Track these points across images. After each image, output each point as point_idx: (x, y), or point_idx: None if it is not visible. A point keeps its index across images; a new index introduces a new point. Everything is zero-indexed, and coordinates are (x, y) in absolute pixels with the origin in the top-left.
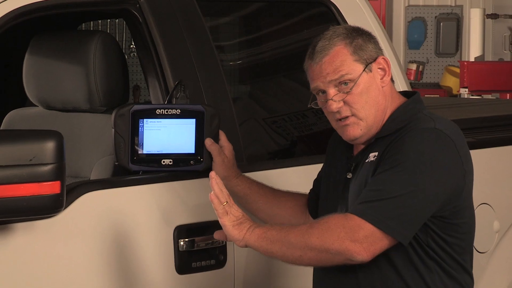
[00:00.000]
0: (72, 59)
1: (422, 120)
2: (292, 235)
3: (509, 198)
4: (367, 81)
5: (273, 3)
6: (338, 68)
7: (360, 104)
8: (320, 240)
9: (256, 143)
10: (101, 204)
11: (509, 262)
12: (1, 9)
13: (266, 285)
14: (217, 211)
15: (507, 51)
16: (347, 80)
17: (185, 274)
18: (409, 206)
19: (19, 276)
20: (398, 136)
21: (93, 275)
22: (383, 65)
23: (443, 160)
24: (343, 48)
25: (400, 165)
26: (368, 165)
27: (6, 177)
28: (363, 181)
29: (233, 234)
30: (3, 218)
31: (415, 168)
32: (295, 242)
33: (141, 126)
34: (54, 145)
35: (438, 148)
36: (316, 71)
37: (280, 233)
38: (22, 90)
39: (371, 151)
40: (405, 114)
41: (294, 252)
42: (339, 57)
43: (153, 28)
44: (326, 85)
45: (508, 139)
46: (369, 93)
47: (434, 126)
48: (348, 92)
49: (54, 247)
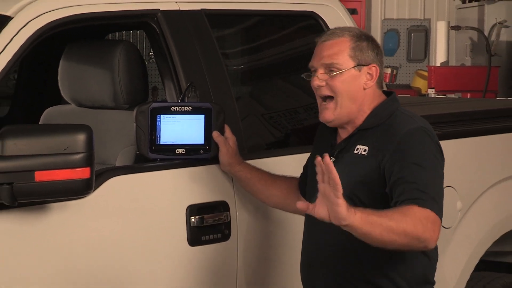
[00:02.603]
0: (100, 64)
1: (403, 119)
2: (392, 222)
3: (470, 182)
4: (352, 76)
5: (270, 16)
6: (333, 56)
7: (338, 89)
8: (414, 229)
9: (255, 135)
10: (124, 187)
11: (470, 237)
12: (40, 21)
13: (264, 255)
14: (337, 190)
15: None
16: (335, 69)
17: (195, 246)
18: (441, 186)
19: (54, 248)
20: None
21: (117, 247)
22: (373, 72)
23: (438, 154)
24: (347, 42)
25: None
26: (359, 158)
27: (44, 164)
28: (350, 167)
29: (343, 212)
30: (41, 198)
31: (433, 163)
32: (395, 228)
33: (158, 121)
34: (84, 137)
35: (435, 144)
36: (317, 50)
37: (381, 218)
38: (58, 90)
39: (356, 143)
40: (385, 111)
41: (391, 236)
42: (339, 47)
43: (169, 38)
44: (318, 64)
45: (469, 132)
46: (350, 86)
47: (420, 125)
48: (331, 76)
49: (84, 224)
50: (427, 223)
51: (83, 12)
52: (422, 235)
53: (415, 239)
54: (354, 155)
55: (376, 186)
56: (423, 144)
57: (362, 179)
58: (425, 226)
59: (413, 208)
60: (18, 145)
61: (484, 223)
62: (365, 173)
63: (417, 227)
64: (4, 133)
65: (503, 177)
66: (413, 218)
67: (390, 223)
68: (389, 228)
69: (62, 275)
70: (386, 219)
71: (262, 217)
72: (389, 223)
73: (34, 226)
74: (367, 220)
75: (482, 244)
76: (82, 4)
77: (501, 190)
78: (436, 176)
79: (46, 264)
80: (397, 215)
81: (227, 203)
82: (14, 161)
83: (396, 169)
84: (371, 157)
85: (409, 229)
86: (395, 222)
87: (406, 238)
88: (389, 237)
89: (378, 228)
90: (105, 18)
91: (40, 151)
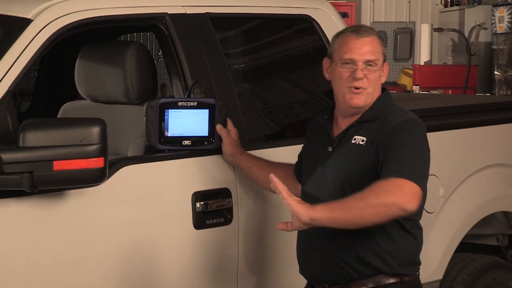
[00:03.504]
0: (113, 63)
1: (397, 112)
2: (351, 200)
3: (451, 171)
4: (380, 71)
5: (268, 19)
6: (374, 52)
7: (373, 83)
8: (377, 198)
9: (255, 128)
10: (136, 176)
11: (451, 221)
12: (58, 23)
13: (263, 237)
14: (282, 194)
15: (449, 56)
16: (374, 64)
17: (200, 229)
18: (424, 165)
19: (71, 231)
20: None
21: (129, 230)
22: (386, 68)
23: (426, 142)
24: (377, 40)
25: (409, 143)
26: (357, 147)
27: (62, 154)
28: (348, 156)
29: (298, 209)
30: (59, 186)
31: (420, 147)
32: (355, 204)
33: (166, 115)
34: (99, 129)
35: (424, 135)
36: (357, 44)
37: (340, 202)
38: (74, 87)
39: (355, 134)
40: (381, 105)
41: (355, 212)
42: (375, 45)
43: (176, 39)
44: (360, 58)
45: (450, 125)
46: (378, 80)
47: (412, 117)
48: (372, 72)
49: (99, 209)
50: (393, 188)
51: (97, 15)
52: (387, 200)
53: (382, 206)
54: (351, 145)
55: (370, 174)
56: (414, 131)
57: (359, 168)
58: (390, 192)
59: (380, 181)
60: (38, 137)
61: (464, 208)
62: (362, 161)
63: (380, 196)
64: (25, 126)
65: (482, 166)
66: (375, 190)
67: (349, 203)
68: (349, 207)
69: (79, 255)
70: (345, 201)
71: (261, 202)
72: (348, 203)
73: (52, 211)
74: (326, 207)
75: (462, 228)
76: (97, 8)
77: (480, 178)
78: (421, 156)
79: (64, 245)
80: (358, 194)
81: (229, 190)
82: (34, 151)
83: (387, 151)
84: (368, 147)
85: (371, 200)
86: (354, 200)
87: (371, 208)
88: (353, 213)
89: (338, 211)
90: (118, 21)
91: (58, 143)
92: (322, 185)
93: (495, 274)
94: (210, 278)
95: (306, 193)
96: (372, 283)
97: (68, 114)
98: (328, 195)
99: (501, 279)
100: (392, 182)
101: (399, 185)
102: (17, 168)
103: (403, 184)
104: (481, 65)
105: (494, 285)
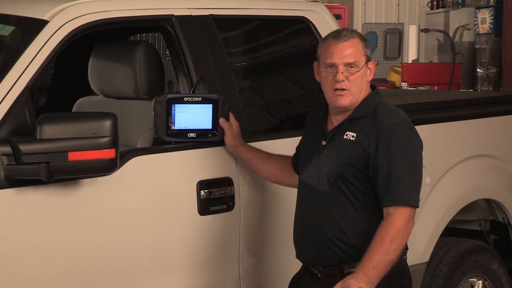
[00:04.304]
0: (123, 61)
1: (387, 113)
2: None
3: (437, 161)
4: (363, 71)
5: (268, 20)
6: (354, 55)
7: (355, 84)
8: (403, 240)
9: (255, 122)
10: (145, 166)
11: (437, 208)
12: (72, 24)
13: (262, 223)
14: None
15: (435, 55)
16: (355, 65)
17: (204, 215)
18: (419, 180)
19: (85, 216)
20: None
21: (139, 216)
22: (372, 67)
23: (416, 141)
24: (359, 42)
25: (403, 154)
26: (348, 142)
27: (76, 146)
28: (340, 150)
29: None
30: (74, 175)
31: (413, 153)
32: (393, 258)
33: (173, 109)
34: (110, 123)
35: (415, 134)
36: (337, 48)
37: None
38: (88, 83)
39: (346, 130)
40: (370, 103)
41: (392, 264)
42: (356, 47)
43: (182, 39)
44: (340, 62)
45: (436, 119)
46: (361, 79)
47: (401, 119)
48: (352, 73)
49: (111, 196)
50: (407, 223)
51: (109, 17)
52: (407, 238)
53: (404, 243)
54: (343, 140)
55: (360, 167)
56: (404, 136)
57: (349, 161)
58: (407, 230)
59: (394, 222)
60: (54, 130)
61: (449, 196)
62: (353, 156)
63: (404, 237)
64: (42, 119)
65: (465, 157)
66: (398, 235)
67: (388, 259)
68: (390, 262)
69: (92, 239)
70: (386, 259)
71: (261, 190)
72: (388, 259)
73: (68, 198)
74: (378, 277)
75: (447, 214)
76: (108, 10)
77: (464, 168)
78: (415, 164)
79: (78, 229)
80: (388, 244)
81: (231, 179)
82: (50, 143)
83: (379, 158)
84: (358, 143)
85: (400, 247)
86: (391, 254)
87: (400, 251)
88: (392, 264)
89: (386, 270)
90: (128, 22)
91: (73, 135)
92: (317, 175)
93: (477, 257)
94: (214, 259)
95: (303, 182)
96: None
97: (82, 109)
98: (322, 184)
99: (483, 262)
100: (399, 226)
101: (408, 218)
102: (35, 159)
103: (409, 216)
104: (464, 63)
105: (476, 267)
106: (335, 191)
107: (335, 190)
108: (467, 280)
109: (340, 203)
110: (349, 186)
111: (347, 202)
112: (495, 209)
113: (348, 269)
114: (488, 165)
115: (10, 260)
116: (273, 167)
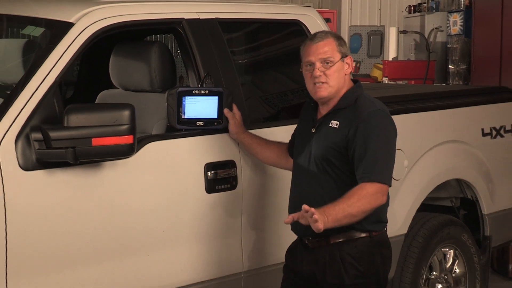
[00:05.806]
0: (140, 59)
1: (365, 103)
2: (352, 209)
3: (414, 146)
4: (339, 65)
5: (266, 23)
6: (328, 52)
7: (332, 77)
8: (368, 205)
9: (256, 112)
10: (159, 150)
11: (414, 186)
12: (95, 26)
13: (262, 200)
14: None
15: (412, 54)
16: (329, 61)
17: (211, 194)
18: (391, 161)
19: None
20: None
21: (153, 194)
22: (349, 62)
23: (392, 130)
24: (333, 41)
25: (378, 137)
26: (332, 129)
27: (99, 133)
28: (325, 136)
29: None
30: (97, 158)
31: (387, 138)
32: (355, 213)
33: (184, 101)
34: (129, 112)
35: (390, 122)
36: (312, 49)
37: (344, 212)
38: (109, 78)
39: (332, 119)
40: (353, 95)
41: (354, 219)
42: (330, 45)
43: (191, 40)
44: (316, 59)
45: (413, 109)
46: (338, 73)
47: (378, 108)
48: (328, 68)
49: (129, 177)
50: (376, 194)
51: (127, 20)
52: (374, 205)
53: (370, 210)
54: (329, 128)
55: (343, 150)
56: (380, 123)
57: (333, 146)
58: (375, 198)
59: (365, 187)
60: (79, 119)
61: (424, 176)
62: (336, 141)
63: (371, 203)
64: (69, 110)
65: (438, 142)
66: (365, 197)
67: (350, 210)
68: (351, 215)
69: (112, 214)
70: (348, 210)
71: (260, 172)
72: (350, 211)
73: (92, 178)
74: (335, 219)
75: (423, 192)
76: (127, 14)
77: (438, 152)
78: (388, 147)
79: (101, 205)
80: (354, 200)
81: (235, 161)
82: (76, 130)
83: (357, 141)
84: (341, 130)
85: (364, 207)
86: (354, 208)
87: (364, 213)
88: (352, 219)
89: (344, 220)
90: (144, 24)
91: (96, 123)
92: (307, 158)
93: (449, 229)
94: (219, 232)
95: (297, 164)
96: (345, 236)
97: (104, 100)
98: (311, 166)
99: (454, 234)
100: (374, 189)
101: (380, 191)
102: (63, 144)
103: (381, 189)
104: (438, 61)
105: (448, 238)
106: (321, 172)
107: (321, 171)
108: (440, 249)
109: (326, 182)
110: (332, 167)
111: (331, 181)
112: (464, 187)
113: (334, 240)
114: (458, 149)
115: (42, 231)
116: (271, 152)
